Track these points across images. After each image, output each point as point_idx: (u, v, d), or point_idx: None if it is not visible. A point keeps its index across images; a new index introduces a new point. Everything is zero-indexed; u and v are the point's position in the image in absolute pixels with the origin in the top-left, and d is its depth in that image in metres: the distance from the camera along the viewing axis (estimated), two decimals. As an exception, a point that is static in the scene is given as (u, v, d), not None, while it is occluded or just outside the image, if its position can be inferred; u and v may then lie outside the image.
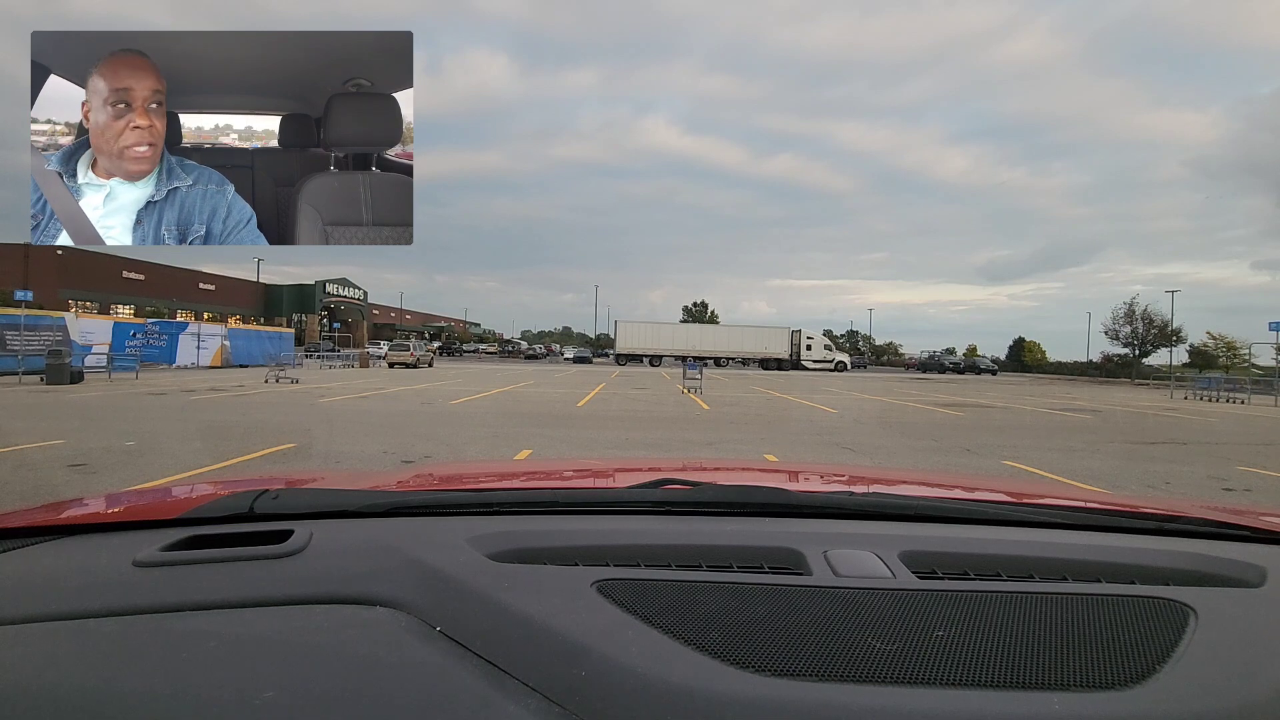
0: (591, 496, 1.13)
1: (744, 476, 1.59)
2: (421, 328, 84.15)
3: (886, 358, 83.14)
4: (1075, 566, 0.81)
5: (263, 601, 0.69)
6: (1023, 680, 0.58)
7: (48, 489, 5.23)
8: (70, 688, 0.55)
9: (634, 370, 40.19)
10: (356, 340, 52.99)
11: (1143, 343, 56.07)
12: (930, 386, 29.69)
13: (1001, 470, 7.68)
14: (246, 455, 6.97)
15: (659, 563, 0.79)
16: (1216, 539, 0.96)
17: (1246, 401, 22.95)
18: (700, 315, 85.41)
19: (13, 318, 19.92)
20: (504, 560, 0.77)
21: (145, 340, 25.03)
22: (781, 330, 53.85)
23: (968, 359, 66.17)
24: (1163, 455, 9.08)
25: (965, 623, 0.65)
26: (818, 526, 0.93)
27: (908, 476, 1.76)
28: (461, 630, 0.63)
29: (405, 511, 0.98)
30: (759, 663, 0.59)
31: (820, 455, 8.31)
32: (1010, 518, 1.03)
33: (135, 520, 0.96)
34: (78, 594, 0.72)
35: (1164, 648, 0.62)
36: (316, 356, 35.95)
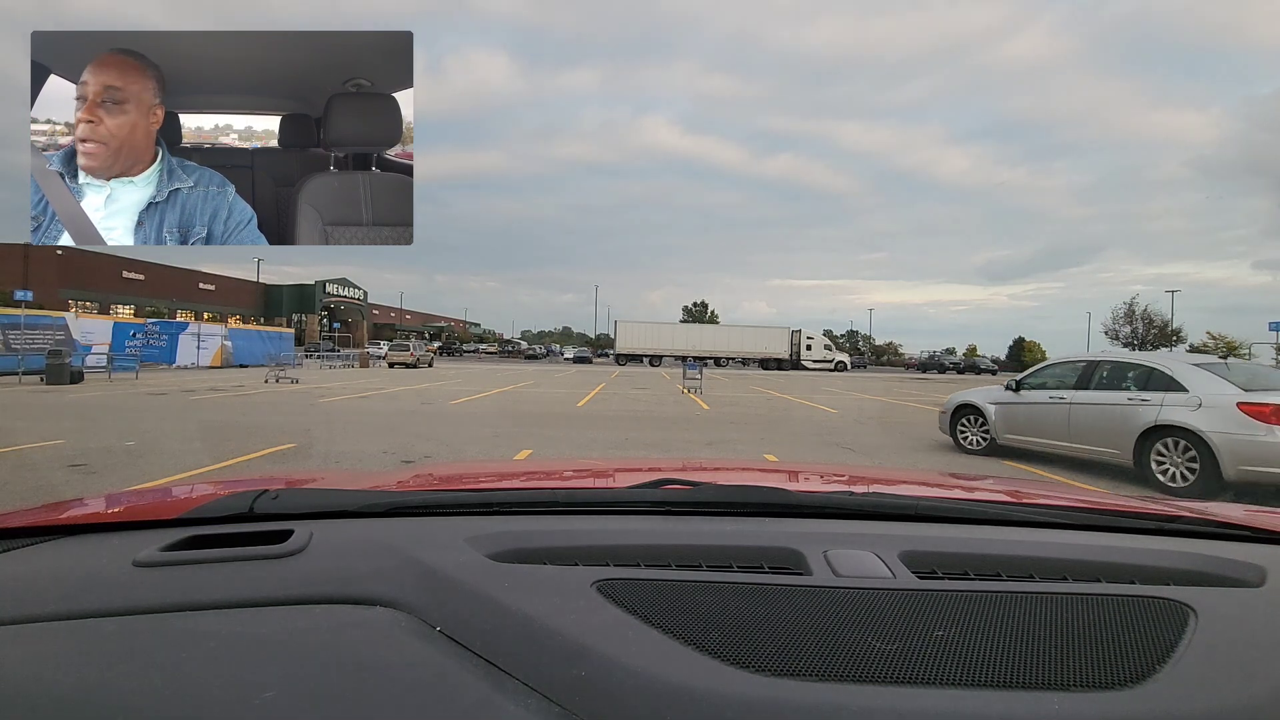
0: (591, 496, 1.13)
1: (744, 476, 1.58)
2: (421, 328, 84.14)
3: (886, 358, 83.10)
4: (1075, 566, 0.81)
5: (263, 601, 0.69)
6: (1023, 680, 0.58)
7: (48, 489, 5.23)
8: (70, 688, 0.55)
9: (634, 370, 40.18)
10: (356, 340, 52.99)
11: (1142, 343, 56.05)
12: (930, 386, 29.68)
13: (1001, 470, 7.68)
14: (246, 455, 6.97)
15: (659, 563, 0.79)
16: (1216, 539, 0.96)
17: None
18: (700, 315, 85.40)
19: (13, 318, 19.93)
20: (504, 560, 0.77)
21: (145, 340, 25.02)
22: (781, 330, 53.83)
23: (968, 359, 66.09)
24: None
25: (965, 623, 0.65)
26: (818, 526, 0.93)
27: (908, 476, 1.76)
28: (461, 630, 0.63)
29: (405, 511, 0.98)
30: (759, 662, 0.59)
31: (820, 455, 8.31)
32: (1010, 518, 1.03)
33: (135, 520, 0.96)
34: (78, 594, 0.71)
35: (1164, 648, 0.62)
36: (316, 356, 35.93)
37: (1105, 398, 6.88)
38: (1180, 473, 6.09)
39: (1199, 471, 5.90)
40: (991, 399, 8.23)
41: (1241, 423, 5.70)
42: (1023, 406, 7.79)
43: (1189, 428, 5.99)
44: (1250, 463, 5.62)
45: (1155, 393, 6.42)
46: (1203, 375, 6.28)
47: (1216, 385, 6.09)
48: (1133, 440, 6.42)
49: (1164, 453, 6.24)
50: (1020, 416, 7.78)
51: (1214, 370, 6.33)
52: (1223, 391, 5.99)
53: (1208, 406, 5.96)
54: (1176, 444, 6.13)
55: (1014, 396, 7.90)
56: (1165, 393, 6.34)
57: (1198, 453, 5.93)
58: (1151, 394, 6.44)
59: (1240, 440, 5.66)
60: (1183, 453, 6.08)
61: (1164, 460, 6.24)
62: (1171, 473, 6.16)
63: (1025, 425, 7.72)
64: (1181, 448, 6.09)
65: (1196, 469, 5.94)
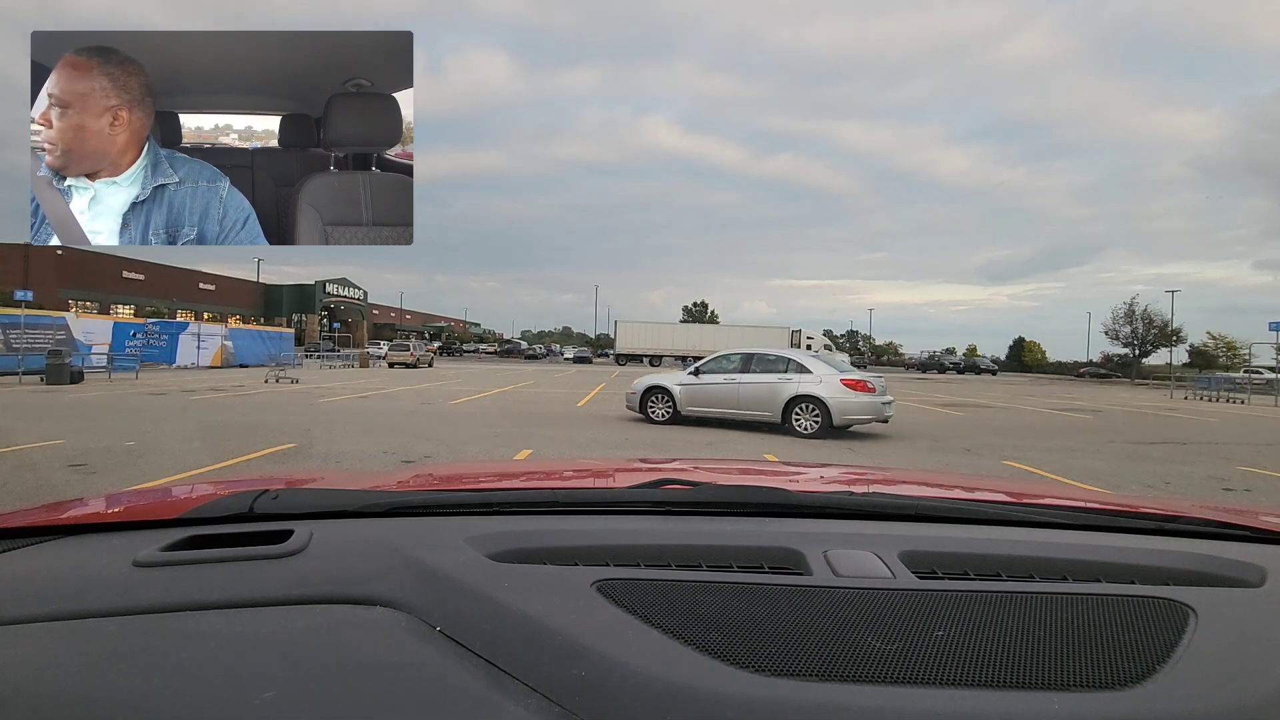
0: (591, 496, 1.13)
1: (744, 476, 1.58)
2: (421, 328, 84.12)
3: (886, 357, 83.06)
4: (1075, 566, 0.81)
5: (263, 601, 0.69)
6: (1023, 680, 0.58)
7: (48, 489, 5.23)
8: (70, 688, 0.55)
9: (634, 370, 40.17)
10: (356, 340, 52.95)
11: (1143, 343, 56.04)
12: (930, 386, 29.68)
13: (1002, 470, 7.68)
14: (246, 455, 6.97)
15: (659, 563, 0.79)
16: (1216, 539, 0.96)
17: (1246, 401, 22.95)
18: (700, 315, 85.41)
19: (13, 317, 19.93)
20: (504, 560, 0.77)
21: (145, 340, 25.04)
22: (781, 330, 53.82)
23: (967, 359, 66.18)
24: (1162, 455, 9.08)
25: (965, 623, 0.65)
26: (818, 526, 0.93)
27: (908, 476, 1.76)
28: (461, 630, 0.63)
29: (405, 511, 0.98)
30: (759, 662, 0.59)
31: (820, 455, 8.31)
32: (1010, 518, 1.03)
33: (135, 520, 0.96)
34: (78, 594, 0.71)
35: (1164, 648, 0.62)
36: (316, 356, 35.92)
37: (762, 379, 10.26)
38: (809, 424, 9.72)
39: (820, 422, 9.63)
40: (677, 381, 10.96)
41: (842, 391, 9.68)
42: (702, 386, 10.71)
43: (815, 396, 9.71)
44: (846, 414, 9.66)
45: (793, 374, 10.05)
46: (820, 363, 10.25)
47: (827, 369, 10.01)
48: (781, 405, 9.93)
49: (800, 412, 9.82)
50: (700, 394, 10.73)
51: (824, 360, 10.64)
52: (831, 373, 9.94)
53: (824, 382, 9.77)
54: (808, 406, 9.77)
55: (695, 379, 10.82)
56: (799, 374, 10.00)
57: (820, 411, 9.68)
58: (791, 375, 10.06)
59: (842, 401, 9.62)
60: (810, 412, 9.77)
61: (800, 417, 9.79)
62: (805, 424, 9.73)
63: (705, 399, 10.66)
64: (810, 409, 9.75)
65: (819, 421, 9.64)
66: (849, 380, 9.80)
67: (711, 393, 10.54)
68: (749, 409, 10.23)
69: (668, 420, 10.83)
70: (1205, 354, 55.64)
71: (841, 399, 9.59)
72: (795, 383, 9.89)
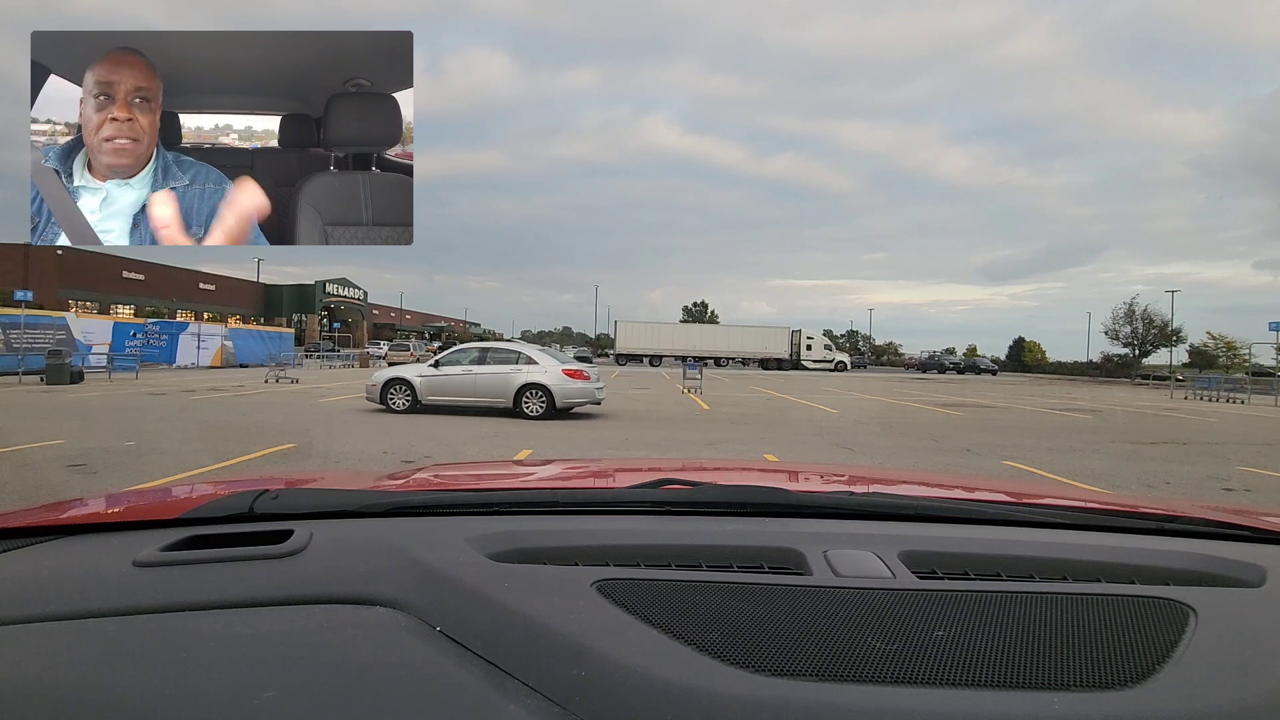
0: (591, 496, 1.13)
1: (744, 476, 1.58)
2: (421, 328, 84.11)
3: (886, 358, 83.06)
4: (1075, 566, 0.81)
5: (263, 601, 0.69)
6: (1023, 680, 0.58)
7: (48, 489, 5.23)
8: (70, 688, 0.55)
9: (634, 370, 40.17)
10: (356, 340, 52.99)
11: (1143, 343, 56.00)
12: (930, 386, 29.68)
13: (1002, 470, 7.68)
14: (246, 455, 6.98)
15: (659, 563, 0.79)
16: (1216, 539, 0.96)
17: (1246, 401, 22.95)
18: (700, 315, 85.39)
19: (13, 317, 19.94)
20: (504, 560, 0.77)
21: (145, 340, 25.05)
22: (781, 330, 53.79)
23: (968, 359, 66.05)
24: (1163, 455, 9.09)
25: (965, 623, 0.65)
26: (818, 526, 0.93)
27: (908, 476, 1.76)
28: (461, 630, 0.63)
29: (405, 511, 0.98)
30: (759, 663, 0.59)
31: (820, 455, 8.31)
32: (1010, 518, 1.03)
33: (135, 520, 0.96)
34: (78, 594, 0.71)
35: (1164, 648, 0.62)
36: (316, 356, 35.92)
37: (496, 370, 11.58)
38: (536, 407, 11.16)
39: (546, 406, 11.13)
40: (418, 373, 11.88)
41: (564, 379, 11.28)
42: (442, 378, 11.73)
43: (542, 383, 11.21)
44: (567, 398, 11.29)
45: (522, 365, 11.50)
46: (545, 355, 11.98)
47: (552, 361, 11.73)
48: (513, 392, 11.28)
49: (528, 398, 11.23)
50: (440, 384, 11.73)
51: (548, 352, 12.52)
52: (555, 363, 11.61)
53: (549, 372, 11.34)
54: (536, 393, 11.23)
55: (435, 371, 11.82)
56: (527, 365, 11.48)
57: (546, 396, 11.16)
58: (520, 366, 11.49)
59: (564, 388, 11.23)
60: (538, 397, 11.19)
61: (529, 402, 11.22)
62: (533, 407, 11.16)
63: (444, 389, 11.68)
64: (538, 395, 11.21)
65: (545, 405, 11.15)
66: (569, 370, 11.47)
67: (451, 383, 11.67)
68: (485, 396, 11.50)
69: (407, 409, 11.60)
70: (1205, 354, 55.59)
71: (563, 386, 11.18)
72: (525, 373, 11.31)
